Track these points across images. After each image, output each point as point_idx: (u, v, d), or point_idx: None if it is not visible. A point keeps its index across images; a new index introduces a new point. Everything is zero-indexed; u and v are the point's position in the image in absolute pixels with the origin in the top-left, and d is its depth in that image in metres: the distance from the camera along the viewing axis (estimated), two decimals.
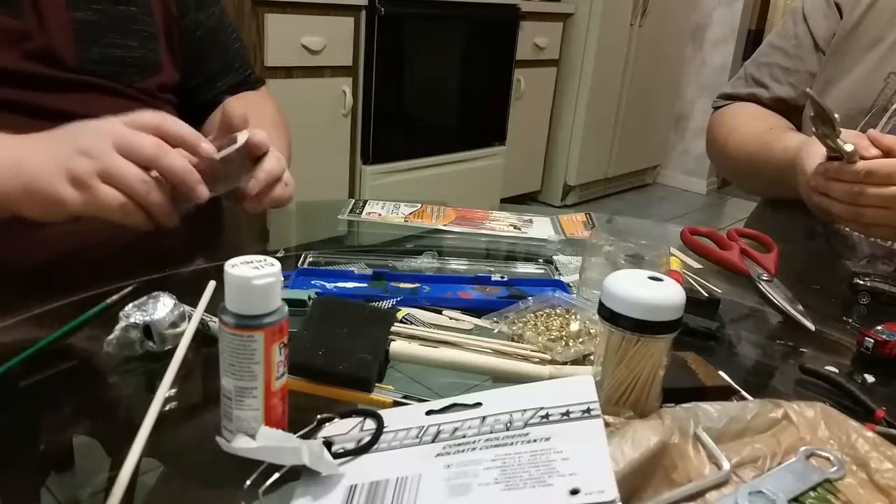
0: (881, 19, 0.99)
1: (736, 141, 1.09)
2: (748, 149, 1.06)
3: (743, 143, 1.08)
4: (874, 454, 0.42)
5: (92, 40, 0.85)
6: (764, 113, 1.11)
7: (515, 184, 3.47)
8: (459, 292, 0.71)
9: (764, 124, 1.08)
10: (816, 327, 0.69)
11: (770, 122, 1.08)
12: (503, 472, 0.39)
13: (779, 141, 1.00)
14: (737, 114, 1.13)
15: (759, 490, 0.40)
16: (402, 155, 2.76)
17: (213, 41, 1.01)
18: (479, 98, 3.06)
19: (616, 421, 0.45)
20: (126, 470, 0.40)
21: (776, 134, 1.03)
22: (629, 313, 0.45)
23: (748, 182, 1.18)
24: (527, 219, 0.96)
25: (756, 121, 1.10)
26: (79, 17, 0.84)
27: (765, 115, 1.10)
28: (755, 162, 1.04)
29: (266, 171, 0.73)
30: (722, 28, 4.06)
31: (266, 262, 0.43)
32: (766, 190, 1.15)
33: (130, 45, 0.88)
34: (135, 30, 0.89)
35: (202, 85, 1.01)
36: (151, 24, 0.91)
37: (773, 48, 1.12)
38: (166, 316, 0.55)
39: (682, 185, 4.36)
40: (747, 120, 1.11)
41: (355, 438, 0.45)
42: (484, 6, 2.90)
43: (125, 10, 0.88)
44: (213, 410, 0.45)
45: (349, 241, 0.93)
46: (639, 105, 3.88)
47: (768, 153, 1.00)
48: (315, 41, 2.33)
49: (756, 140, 1.05)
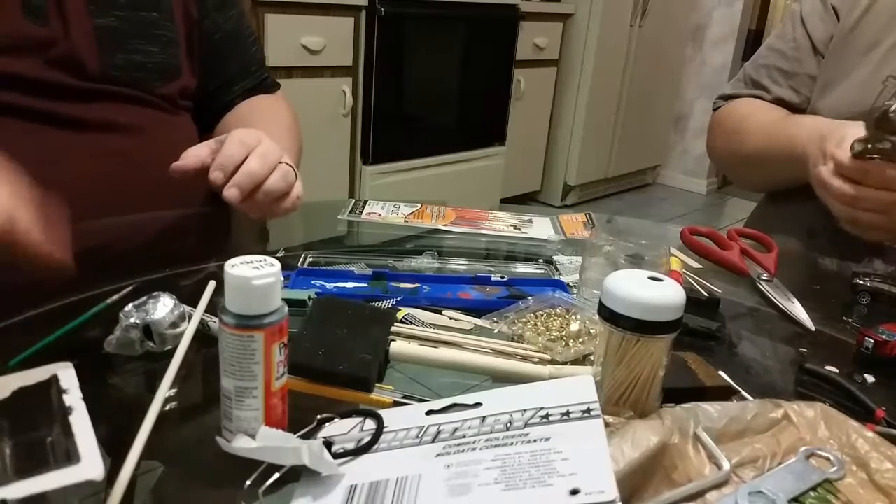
0: (879, 22, 0.99)
1: (751, 125, 1.07)
2: (767, 134, 1.04)
3: (757, 126, 1.06)
4: (874, 454, 0.42)
5: (115, 47, 0.84)
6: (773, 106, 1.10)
7: (515, 184, 3.47)
8: (459, 292, 0.71)
9: (780, 112, 1.07)
10: (816, 327, 0.69)
11: (786, 112, 1.07)
12: (503, 473, 0.39)
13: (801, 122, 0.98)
14: (747, 103, 1.12)
15: (759, 490, 0.40)
16: (402, 155, 2.76)
17: (232, 45, 1.01)
18: (479, 98, 3.06)
19: (616, 421, 0.45)
20: (126, 470, 0.40)
21: (796, 117, 1.02)
22: (629, 313, 0.45)
23: (757, 174, 1.16)
24: (527, 219, 0.96)
25: (770, 109, 1.08)
26: (101, 23, 0.83)
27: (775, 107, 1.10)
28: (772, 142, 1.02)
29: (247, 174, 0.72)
30: (722, 28, 4.06)
31: (266, 262, 0.43)
32: (777, 179, 1.12)
33: (151, 50, 0.88)
34: (156, 35, 0.88)
35: (219, 88, 1.01)
36: (172, 28, 0.90)
37: (771, 51, 1.12)
38: (166, 316, 0.55)
39: (682, 185, 4.36)
40: (760, 107, 1.10)
41: (355, 438, 0.45)
42: (484, 6, 2.90)
43: (147, 15, 0.88)
44: (213, 410, 0.45)
45: (349, 241, 0.93)
46: (639, 105, 3.87)
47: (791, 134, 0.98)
48: (315, 41, 2.33)
49: (778, 124, 1.03)
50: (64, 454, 0.39)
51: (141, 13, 0.87)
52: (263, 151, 0.74)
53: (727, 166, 1.23)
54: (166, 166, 0.74)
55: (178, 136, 0.92)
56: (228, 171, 0.73)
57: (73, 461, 0.38)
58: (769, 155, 1.04)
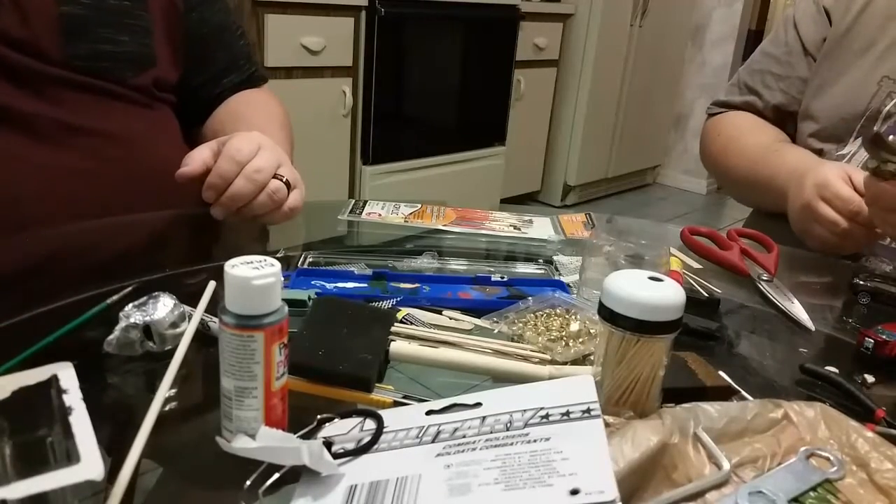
0: (872, 24, 0.99)
1: (736, 150, 1.09)
2: (749, 160, 1.05)
3: (742, 152, 1.08)
4: (874, 454, 0.42)
5: (80, 35, 0.81)
6: (763, 124, 1.11)
7: (515, 184, 3.47)
8: (459, 292, 0.71)
9: (767, 137, 1.07)
10: (816, 327, 0.69)
11: (773, 136, 1.08)
12: (503, 473, 0.39)
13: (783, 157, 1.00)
14: (736, 123, 1.13)
15: (759, 490, 0.40)
16: (402, 155, 2.76)
17: (219, 39, 1.00)
18: (479, 98, 3.05)
19: (616, 421, 0.45)
20: (126, 470, 0.40)
21: (780, 150, 1.03)
22: (629, 313, 0.45)
23: (742, 194, 1.18)
24: (527, 219, 0.96)
25: (758, 131, 1.09)
26: (66, 10, 0.80)
27: (765, 126, 1.10)
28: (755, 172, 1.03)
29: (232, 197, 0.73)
30: (722, 28, 4.06)
31: (266, 263, 0.43)
32: (760, 201, 1.14)
33: (121, 39, 0.85)
34: (127, 24, 0.86)
35: (208, 82, 1.00)
36: (146, 18, 0.88)
37: (765, 55, 1.12)
38: (166, 316, 0.55)
39: (682, 185, 4.36)
40: (748, 129, 1.10)
41: (355, 438, 0.45)
42: (484, 6, 2.90)
43: (118, 3, 0.85)
44: (213, 410, 0.45)
45: (349, 241, 0.93)
46: (639, 105, 3.87)
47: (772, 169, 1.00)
48: (315, 41, 2.33)
49: (759, 153, 1.04)
50: (64, 454, 0.39)
51: (111, 1, 0.84)
52: (257, 167, 0.74)
53: (717, 180, 1.25)
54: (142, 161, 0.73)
55: (155, 131, 0.90)
56: (220, 190, 0.73)
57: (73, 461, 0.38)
58: (751, 183, 1.05)
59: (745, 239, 0.86)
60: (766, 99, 1.10)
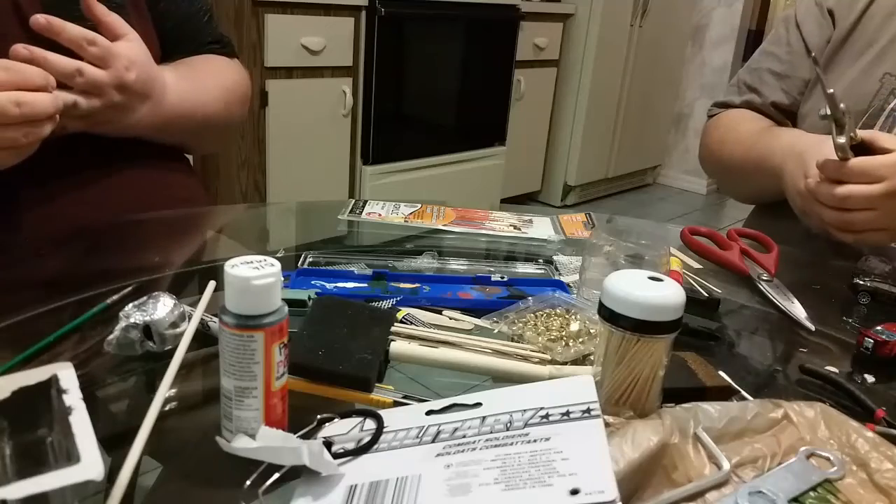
0: (874, 23, 0.99)
1: (732, 138, 1.09)
2: (744, 146, 1.05)
3: (738, 139, 1.07)
4: (874, 454, 0.42)
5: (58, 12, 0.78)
6: (759, 117, 1.11)
7: (515, 184, 3.47)
8: (459, 292, 0.71)
9: (764, 124, 1.08)
10: (816, 327, 0.69)
11: (767, 124, 1.08)
12: (503, 472, 0.39)
13: (778, 137, 0.99)
14: (733, 116, 1.13)
15: (759, 490, 0.40)
16: (403, 155, 2.76)
17: (185, 28, 0.98)
18: (479, 98, 3.05)
19: (616, 421, 0.45)
20: (126, 470, 0.40)
21: (775, 131, 1.03)
22: (629, 313, 0.45)
23: (740, 186, 1.18)
24: (527, 219, 0.96)
25: (752, 122, 1.09)
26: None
27: (760, 118, 1.10)
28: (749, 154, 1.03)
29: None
30: (722, 28, 4.06)
31: (266, 262, 0.43)
32: (757, 193, 1.14)
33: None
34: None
35: None
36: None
37: (765, 55, 1.12)
38: (166, 316, 0.55)
39: (682, 185, 4.36)
40: (746, 120, 1.11)
41: (355, 438, 0.45)
42: (484, 6, 2.90)
43: None
44: (213, 410, 0.45)
45: (349, 241, 0.93)
46: (639, 105, 3.87)
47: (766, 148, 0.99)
48: (315, 41, 2.33)
49: (754, 137, 1.04)
50: (64, 454, 0.39)
51: None
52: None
53: (715, 177, 1.25)
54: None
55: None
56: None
57: (73, 461, 0.38)
58: (745, 167, 1.05)
59: (745, 239, 0.86)
60: (766, 95, 1.10)
